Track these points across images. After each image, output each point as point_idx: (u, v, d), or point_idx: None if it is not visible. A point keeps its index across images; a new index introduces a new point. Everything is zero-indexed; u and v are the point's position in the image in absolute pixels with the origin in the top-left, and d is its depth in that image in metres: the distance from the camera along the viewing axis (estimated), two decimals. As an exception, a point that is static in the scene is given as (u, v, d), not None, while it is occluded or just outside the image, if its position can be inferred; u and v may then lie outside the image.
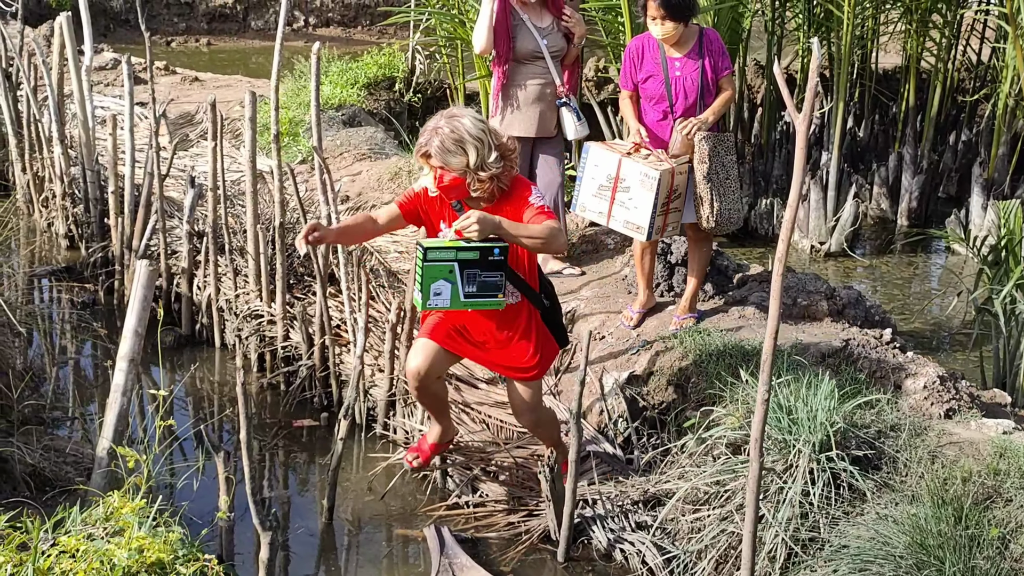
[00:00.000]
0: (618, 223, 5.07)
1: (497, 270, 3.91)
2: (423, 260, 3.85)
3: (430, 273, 3.86)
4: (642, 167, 4.93)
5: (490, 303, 3.97)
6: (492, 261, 3.89)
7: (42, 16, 15.42)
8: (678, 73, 5.06)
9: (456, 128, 3.91)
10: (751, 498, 3.21)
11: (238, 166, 8.32)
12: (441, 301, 3.92)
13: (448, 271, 3.86)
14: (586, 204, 5.14)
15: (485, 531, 4.54)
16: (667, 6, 4.90)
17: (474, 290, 3.92)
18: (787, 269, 3.81)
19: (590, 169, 5.08)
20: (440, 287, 3.89)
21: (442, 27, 9.95)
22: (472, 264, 3.87)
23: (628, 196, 4.98)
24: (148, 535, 2.44)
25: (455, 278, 3.88)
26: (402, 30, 15.99)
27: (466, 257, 3.86)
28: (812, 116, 2.91)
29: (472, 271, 3.88)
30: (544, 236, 3.89)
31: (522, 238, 3.89)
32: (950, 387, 4.58)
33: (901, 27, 9.77)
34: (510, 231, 3.86)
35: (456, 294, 3.91)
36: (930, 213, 9.44)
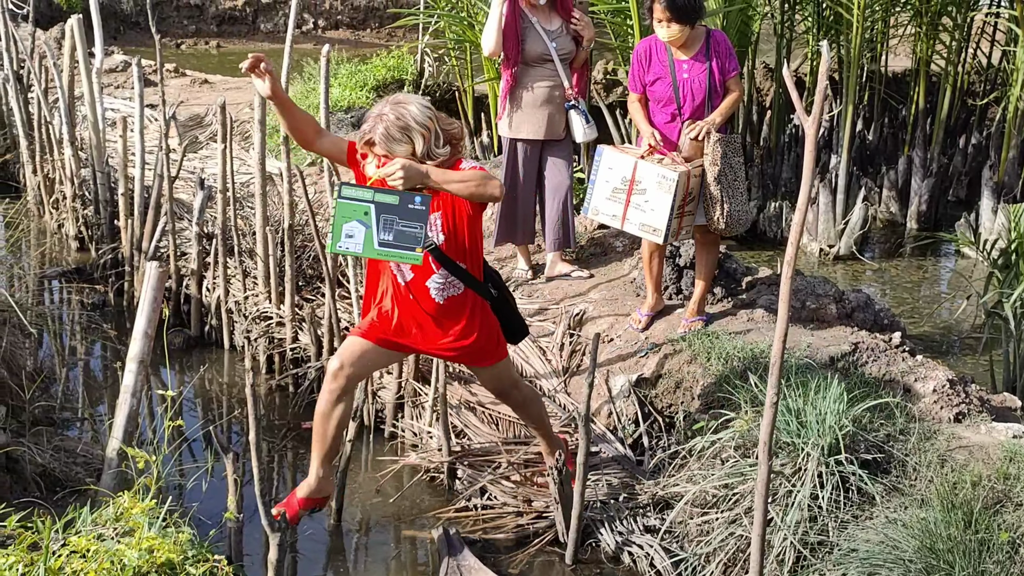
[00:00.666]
0: (633, 226, 5.04)
1: (417, 221, 3.67)
2: (338, 197, 3.64)
3: (343, 212, 3.63)
4: (659, 169, 4.91)
5: (406, 256, 3.72)
6: (412, 210, 3.65)
7: (53, 18, 15.50)
8: (685, 75, 5.06)
9: (402, 115, 3.76)
10: (760, 501, 3.20)
11: (247, 168, 8.34)
12: (353, 245, 3.66)
13: (363, 213, 3.63)
14: (599, 207, 5.11)
15: (493, 533, 4.54)
16: (673, 8, 4.90)
17: (390, 239, 3.67)
18: (796, 272, 3.80)
19: (603, 172, 5.06)
20: (353, 229, 3.64)
21: (451, 30, 9.97)
22: (390, 209, 3.64)
23: (644, 199, 4.95)
24: (158, 535, 2.45)
25: (370, 221, 3.64)
26: (411, 32, 16.01)
27: (384, 200, 3.63)
28: (822, 119, 2.91)
29: (389, 217, 3.65)
30: (475, 178, 3.75)
31: (452, 183, 3.74)
32: (960, 391, 4.57)
33: (911, 30, 9.75)
34: (439, 178, 3.71)
35: (369, 240, 3.67)
36: (940, 216, 9.42)
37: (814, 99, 2.85)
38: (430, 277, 3.99)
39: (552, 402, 5.26)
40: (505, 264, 6.53)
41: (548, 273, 6.26)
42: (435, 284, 4.01)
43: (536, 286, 6.21)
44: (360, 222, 3.63)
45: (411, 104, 3.80)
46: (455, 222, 3.94)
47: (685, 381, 4.99)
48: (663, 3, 4.90)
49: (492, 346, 4.23)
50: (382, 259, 3.75)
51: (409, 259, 3.74)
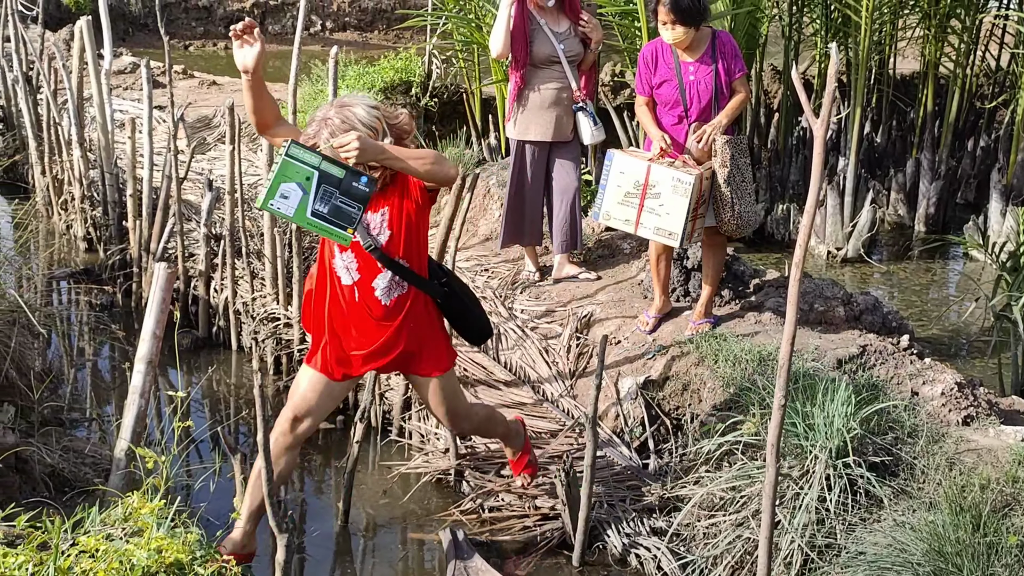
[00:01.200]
0: (648, 230, 4.98)
1: (358, 200, 3.52)
2: (284, 153, 3.46)
3: (285, 170, 3.45)
4: (674, 172, 4.88)
5: (335, 233, 3.54)
6: (356, 188, 3.51)
7: (62, 20, 15.55)
8: (692, 77, 5.06)
9: (347, 118, 3.64)
10: (767, 504, 3.20)
11: (255, 169, 8.35)
12: (285, 207, 3.48)
13: (305, 177, 3.46)
14: (610, 212, 5.04)
15: (500, 535, 4.53)
16: (677, 11, 4.89)
17: (324, 211, 3.50)
18: (804, 275, 3.80)
19: (615, 176, 4.99)
20: (290, 190, 3.46)
21: (459, 31, 9.97)
22: (333, 181, 3.49)
23: (659, 202, 4.90)
24: (166, 536, 2.46)
25: (310, 188, 3.47)
26: (418, 34, 16.03)
27: (330, 171, 3.48)
28: (830, 121, 2.91)
29: (330, 189, 3.49)
30: (431, 156, 3.65)
31: (410, 161, 3.60)
32: (968, 394, 4.56)
33: (919, 32, 9.74)
34: (395, 154, 3.58)
35: (303, 207, 3.49)
36: (948, 219, 9.40)
37: (822, 101, 2.84)
38: (376, 277, 3.87)
39: (556, 407, 5.26)
40: (513, 265, 6.54)
41: (555, 275, 6.26)
42: (381, 285, 3.88)
43: (543, 288, 6.21)
44: (299, 186, 3.47)
45: (356, 106, 3.69)
46: (403, 219, 3.83)
47: (692, 383, 4.99)
48: (667, 5, 4.90)
49: (435, 351, 4.05)
50: (310, 229, 3.57)
51: (338, 237, 3.57)
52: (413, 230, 3.88)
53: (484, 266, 6.65)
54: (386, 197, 3.82)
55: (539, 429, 5.09)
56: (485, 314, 4.24)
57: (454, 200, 4.72)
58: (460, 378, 5.30)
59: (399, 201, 3.82)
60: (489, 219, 7.14)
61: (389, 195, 3.82)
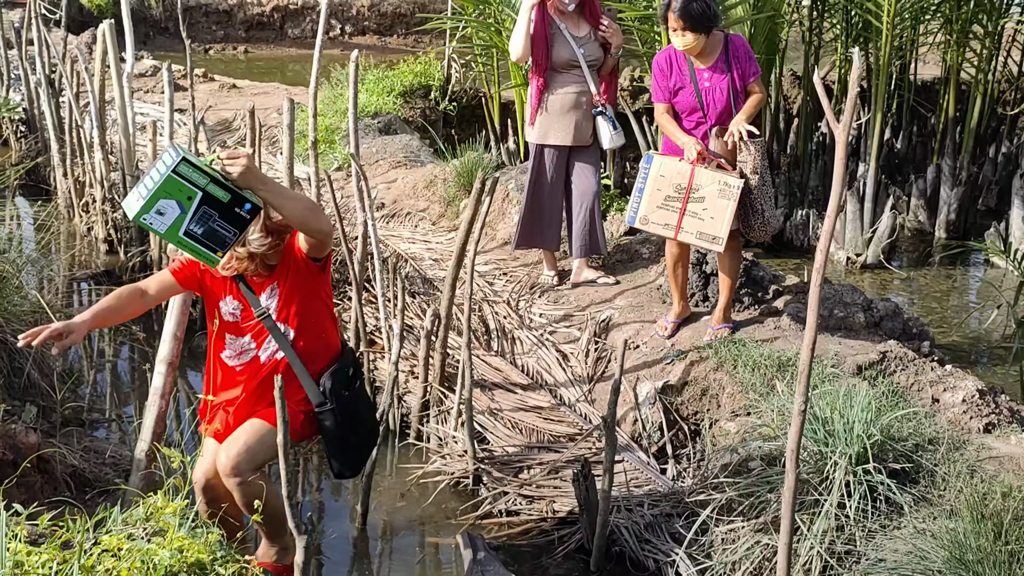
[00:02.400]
0: (690, 235, 4.89)
1: (235, 226, 3.39)
2: (172, 170, 3.25)
3: (168, 187, 3.26)
4: (720, 175, 4.81)
5: (205, 256, 3.40)
6: (236, 214, 3.36)
7: (84, 23, 15.66)
8: (707, 84, 5.03)
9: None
10: (787, 510, 3.18)
11: (275, 173, 8.38)
12: (158, 223, 3.30)
13: (187, 196, 3.28)
14: (648, 216, 4.91)
15: (517, 539, 4.53)
16: (687, 17, 4.87)
17: (199, 232, 3.34)
18: (824, 280, 3.79)
19: (654, 180, 4.86)
20: (168, 207, 3.28)
21: (478, 36, 10.00)
22: (215, 204, 3.33)
23: (702, 206, 4.82)
24: (187, 536, 2.47)
25: (189, 207, 3.30)
26: (437, 38, 16.07)
27: (215, 193, 3.32)
28: (851, 126, 2.90)
29: (211, 212, 3.33)
30: (311, 203, 3.55)
31: (288, 200, 3.47)
32: (989, 401, 4.53)
33: (941, 38, 9.70)
34: (275, 189, 3.45)
35: (177, 225, 3.31)
36: (969, 226, 9.35)
37: (843, 106, 2.83)
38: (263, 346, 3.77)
39: (573, 412, 5.26)
40: (531, 269, 6.55)
41: (574, 279, 6.26)
42: (269, 349, 3.78)
43: (562, 292, 6.21)
44: (179, 204, 3.28)
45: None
46: (294, 293, 3.72)
47: (711, 389, 4.98)
48: (677, 12, 4.87)
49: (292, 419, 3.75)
50: (177, 247, 3.40)
51: (206, 259, 3.42)
52: (307, 305, 3.75)
53: (502, 269, 6.66)
54: (273, 275, 3.72)
55: (557, 433, 5.09)
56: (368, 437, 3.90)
57: (473, 204, 4.73)
58: (477, 381, 5.30)
59: (287, 277, 3.71)
60: (508, 223, 7.15)
61: (276, 272, 3.72)
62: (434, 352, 5.23)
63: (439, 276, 6.53)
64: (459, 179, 7.68)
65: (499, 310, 6.14)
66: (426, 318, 5.15)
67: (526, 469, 4.87)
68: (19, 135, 10.50)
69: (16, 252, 5.66)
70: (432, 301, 6.11)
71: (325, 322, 3.84)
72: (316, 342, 3.81)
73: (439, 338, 5.19)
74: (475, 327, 5.90)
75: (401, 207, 7.99)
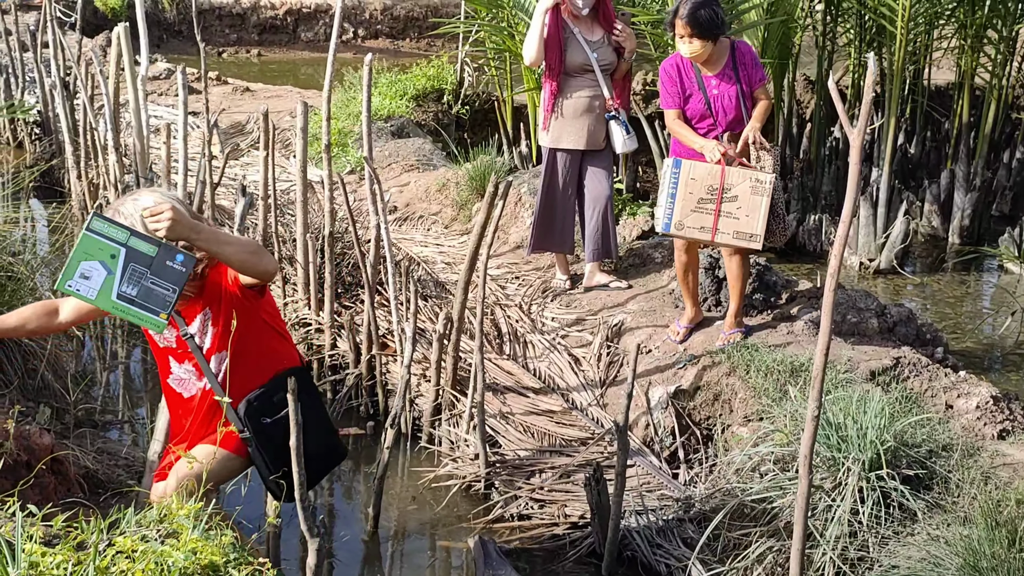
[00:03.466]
0: (727, 235, 4.85)
1: (172, 282, 3.13)
2: (85, 228, 3.06)
3: (87, 246, 3.04)
4: (751, 173, 4.79)
5: (147, 319, 3.14)
6: (170, 268, 3.11)
7: (99, 26, 15.72)
8: (715, 91, 5.02)
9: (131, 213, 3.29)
10: (799, 515, 3.18)
11: (288, 176, 8.41)
12: (86, 288, 3.06)
13: (110, 255, 3.05)
14: (683, 221, 4.83)
15: (529, 543, 4.53)
16: (695, 24, 4.85)
17: (133, 293, 3.09)
18: (837, 285, 3.77)
19: (685, 184, 4.81)
20: (92, 270, 3.05)
21: (491, 40, 10.00)
22: (143, 260, 3.08)
23: (736, 205, 4.79)
24: (201, 538, 2.48)
25: (115, 266, 3.06)
26: (450, 42, 16.09)
27: (139, 247, 3.07)
28: (866, 131, 2.90)
29: (140, 269, 3.08)
30: (252, 247, 3.33)
31: (225, 246, 3.22)
32: (1004, 407, 4.51)
33: (955, 43, 9.67)
34: (211, 236, 3.20)
35: (108, 289, 3.07)
36: (983, 231, 9.32)
37: (857, 111, 2.83)
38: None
39: (585, 416, 5.25)
40: (543, 273, 6.55)
41: (586, 283, 6.26)
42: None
43: (574, 296, 6.21)
44: (103, 264, 3.05)
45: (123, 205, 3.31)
46: (224, 319, 3.45)
47: (724, 393, 4.97)
48: (685, 18, 4.85)
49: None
50: (116, 314, 3.15)
51: (150, 323, 3.17)
52: (247, 327, 3.49)
53: (515, 273, 6.66)
54: (203, 300, 3.48)
55: (569, 437, 5.09)
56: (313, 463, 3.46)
57: (486, 208, 4.74)
58: (489, 384, 5.30)
59: (219, 303, 3.47)
60: (520, 227, 7.15)
61: (207, 298, 3.48)
62: (446, 355, 5.23)
63: (451, 279, 6.53)
64: (471, 183, 7.69)
65: (511, 314, 6.15)
66: (438, 321, 5.15)
67: (538, 473, 4.87)
68: (34, 137, 10.55)
69: (30, 254, 5.68)
70: (444, 304, 6.11)
71: (271, 342, 3.62)
72: (260, 362, 3.57)
73: (451, 341, 5.19)
74: (487, 331, 5.90)
75: (414, 210, 8.00)
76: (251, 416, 3.48)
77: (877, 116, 9.60)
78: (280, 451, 3.43)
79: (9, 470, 3.59)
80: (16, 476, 3.59)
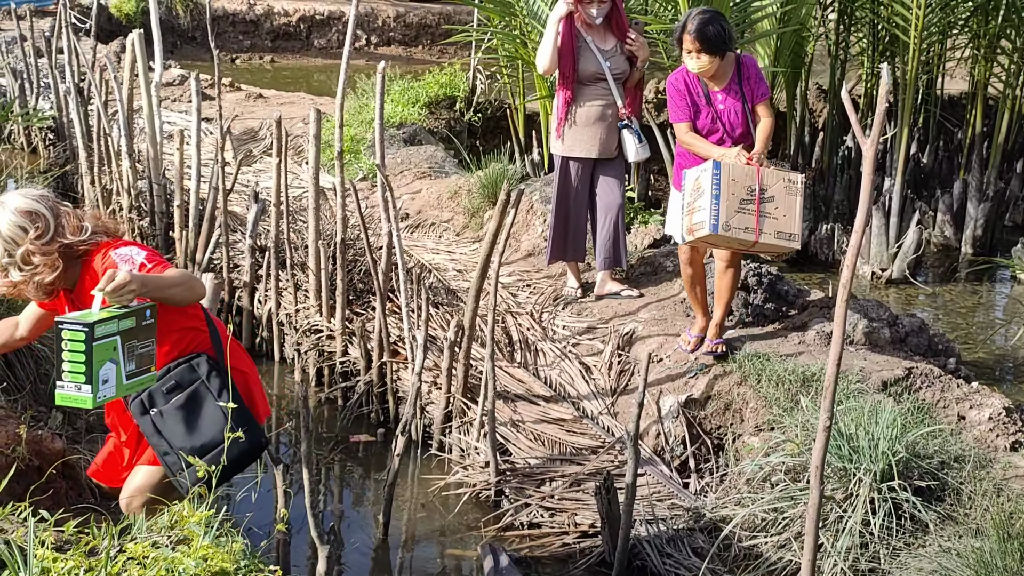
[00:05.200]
0: (769, 236, 4.77)
1: (149, 337, 3.18)
2: (92, 339, 2.98)
3: (100, 356, 3.01)
4: (784, 173, 4.76)
5: (147, 379, 3.20)
6: (145, 326, 3.15)
7: (113, 33, 15.81)
8: (721, 106, 5.01)
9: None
10: (811, 526, 3.17)
11: (300, 182, 8.43)
12: (109, 389, 3.07)
13: (112, 348, 3.05)
14: (730, 222, 4.74)
15: (539, 552, 4.52)
16: (703, 39, 4.83)
17: (134, 367, 3.13)
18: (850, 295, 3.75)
19: (727, 185, 4.73)
20: (107, 372, 3.05)
21: (504, 47, 10.02)
22: (131, 334, 3.11)
23: (774, 205, 4.74)
24: (212, 544, 2.49)
25: (119, 356, 3.07)
26: (462, 50, 16.13)
27: (127, 326, 3.08)
28: (879, 141, 2.89)
29: (131, 343, 3.11)
30: (186, 281, 3.33)
31: (169, 289, 3.26)
32: (1016, 419, 4.49)
33: (968, 52, 9.65)
34: (155, 284, 3.21)
35: (120, 378, 3.09)
36: (995, 242, 9.29)
37: (870, 120, 2.82)
38: None
39: (596, 424, 5.25)
40: (555, 281, 6.54)
41: (598, 292, 6.26)
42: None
43: (585, 304, 6.20)
44: (111, 360, 3.06)
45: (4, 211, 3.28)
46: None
47: (735, 403, 4.96)
48: (693, 33, 4.83)
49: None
50: (128, 393, 3.19)
51: (149, 383, 3.23)
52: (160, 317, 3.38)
53: (526, 281, 6.66)
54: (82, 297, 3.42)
55: (579, 445, 5.08)
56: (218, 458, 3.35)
57: (498, 216, 4.74)
58: (499, 392, 5.30)
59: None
60: (532, 234, 7.16)
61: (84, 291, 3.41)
62: (457, 363, 5.24)
63: (463, 287, 6.54)
64: (483, 190, 7.70)
65: (522, 322, 6.15)
66: (450, 329, 5.15)
67: (548, 481, 4.86)
68: (48, 143, 10.61)
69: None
70: (456, 312, 6.11)
71: (186, 334, 3.59)
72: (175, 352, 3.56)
73: (462, 349, 5.19)
74: (498, 338, 5.90)
75: (425, 218, 8.01)
76: (135, 403, 3.49)
77: (890, 126, 9.59)
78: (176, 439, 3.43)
79: (21, 475, 3.60)
80: (28, 481, 3.60)
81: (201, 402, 3.48)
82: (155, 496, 3.46)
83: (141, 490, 3.52)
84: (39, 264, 3.32)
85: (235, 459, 3.42)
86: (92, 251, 3.43)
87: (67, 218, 3.40)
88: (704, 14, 4.87)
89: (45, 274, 3.33)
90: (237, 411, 3.39)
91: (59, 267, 3.35)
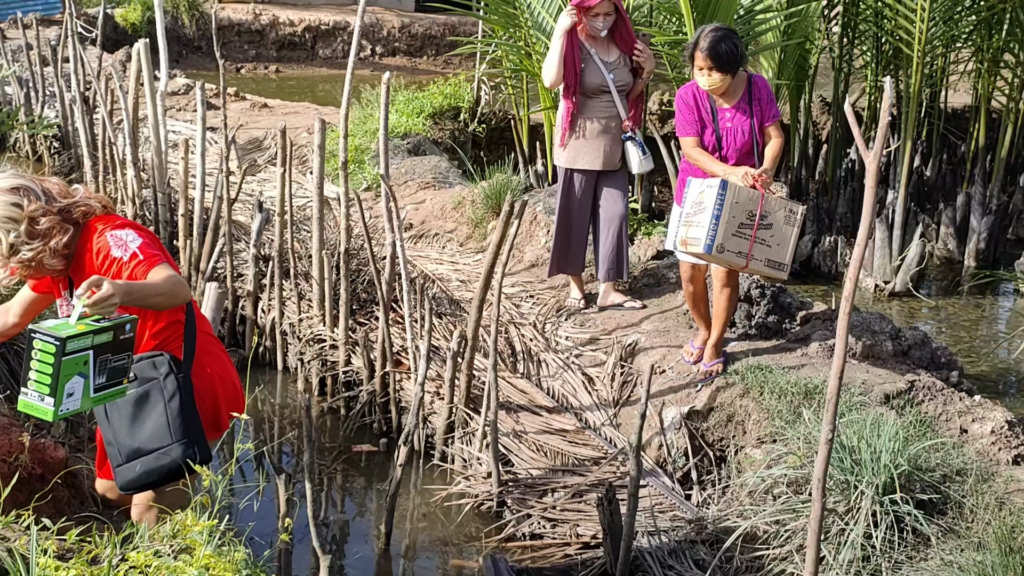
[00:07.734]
0: (759, 263, 4.77)
1: (126, 350, 3.10)
2: (63, 354, 2.89)
3: (67, 370, 2.92)
4: (786, 202, 4.76)
5: (116, 392, 3.12)
6: (124, 340, 3.07)
7: (118, 42, 15.86)
8: (728, 124, 5.00)
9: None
10: (812, 539, 3.17)
11: (305, 192, 8.45)
12: (73, 403, 2.98)
13: (83, 363, 2.96)
14: (724, 244, 4.71)
15: (541, 563, 4.52)
16: (715, 57, 4.82)
17: (104, 380, 3.04)
18: (852, 308, 3.76)
19: (729, 208, 4.69)
20: (74, 386, 2.96)
21: (508, 59, 10.04)
22: (105, 348, 3.02)
23: (770, 233, 4.74)
24: (214, 554, 2.49)
25: (88, 370, 2.98)
26: (467, 61, 16.16)
27: (101, 341, 2.99)
28: (882, 154, 2.90)
29: (105, 357, 3.02)
30: (170, 289, 3.22)
31: (150, 298, 3.18)
32: (1019, 432, 4.49)
33: (972, 66, 9.67)
34: (139, 293, 3.12)
35: (87, 391, 3.00)
36: (999, 255, 9.29)
37: (873, 133, 2.83)
38: None
39: (598, 435, 5.25)
40: (558, 292, 6.55)
41: (601, 303, 6.26)
42: None
43: (588, 315, 6.21)
44: (80, 375, 2.97)
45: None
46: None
47: (737, 415, 4.96)
48: (705, 51, 4.82)
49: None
50: (94, 407, 3.12)
51: (118, 395, 3.15)
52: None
53: (529, 292, 6.67)
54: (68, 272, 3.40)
55: (581, 456, 5.08)
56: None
57: (502, 226, 4.75)
58: (502, 403, 5.31)
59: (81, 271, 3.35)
60: (535, 245, 7.17)
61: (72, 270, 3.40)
62: (460, 373, 5.24)
63: (466, 297, 6.54)
64: (487, 201, 7.71)
65: (525, 332, 6.15)
66: (452, 339, 5.16)
67: (550, 492, 4.86)
68: (53, 151, 10.64)
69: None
70: (459, 322, 6.12)
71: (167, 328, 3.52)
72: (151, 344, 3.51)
73: (465, 359, 5.20)
74: (501, 349, 5.91)
75: (429, 228, 8.02)
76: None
77: (893, 139, 9.60)
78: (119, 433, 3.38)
79: (24, 483, 3.60)
80: (31, 490, 3.61)
81: (150, 404, 3.37)
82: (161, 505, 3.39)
83: (150, 497, 3.48)
84: (48, 227, 3.27)
85: (164, 474, 3.35)
86: (90, 223, 3.37)
87: (50, 184, 3.38)
88: (717, 32, 4.85)
89: (58, 236, 3.29)
90: (186, 421, 3.33)
91: (68, 228, 3.31)
